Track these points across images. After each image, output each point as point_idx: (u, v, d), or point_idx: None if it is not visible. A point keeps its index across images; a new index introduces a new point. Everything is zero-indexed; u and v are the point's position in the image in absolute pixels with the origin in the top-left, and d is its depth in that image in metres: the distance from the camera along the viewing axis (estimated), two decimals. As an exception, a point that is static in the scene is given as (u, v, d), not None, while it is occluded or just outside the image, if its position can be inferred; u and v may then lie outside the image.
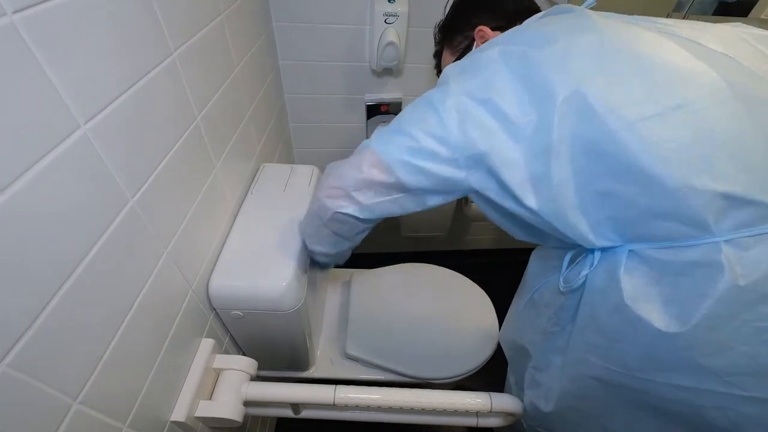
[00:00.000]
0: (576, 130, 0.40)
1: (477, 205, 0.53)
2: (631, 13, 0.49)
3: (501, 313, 1.04)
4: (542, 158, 0.42)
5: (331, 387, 0.63)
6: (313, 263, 0.77)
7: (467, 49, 0.65)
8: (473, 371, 0.93)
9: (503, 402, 0.64)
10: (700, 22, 0.49)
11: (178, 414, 0.53)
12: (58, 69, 0.31)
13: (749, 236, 0.35)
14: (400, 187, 0.48)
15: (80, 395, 0.36)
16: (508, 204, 0.46)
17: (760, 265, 0.34)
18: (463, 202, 1.33)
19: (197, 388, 0.56)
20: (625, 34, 0.43)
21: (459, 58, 0.65)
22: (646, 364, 0.42)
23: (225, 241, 0.67)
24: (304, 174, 0.84)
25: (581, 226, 0.43)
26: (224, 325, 0.68)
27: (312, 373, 0.93)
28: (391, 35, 0.93)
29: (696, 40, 0.43)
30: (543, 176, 0.42)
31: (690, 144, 0.37)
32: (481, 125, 0.44)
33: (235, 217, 0.71)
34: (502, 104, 0.43)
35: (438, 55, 0.74)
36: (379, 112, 1.16)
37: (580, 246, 0.45)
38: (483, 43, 0.59)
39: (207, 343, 0.61)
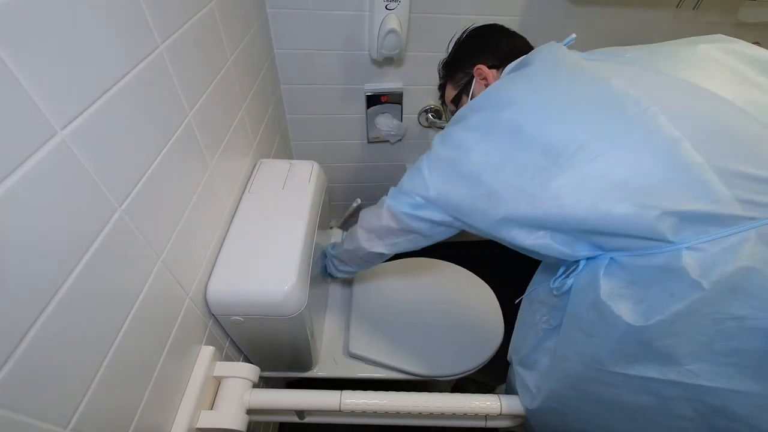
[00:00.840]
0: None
1: None
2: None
3: (504, 306, 1.03)
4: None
5: (337, 393, 0.61)
6: (327, 274, 0.93)
7: (467, 84, 0.74)
8: (478, 368, 0.92)
9: (513, 405, 0.62)
10: (678, 46, 0.55)
11: (179, 427, 0.51)
12: (28, 71, 0.28)
13: (706, 242, 0.40)
14: (411, 230, 0.64)
15: (71, 422, 0.33)
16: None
17: (716, 267, 0.39)
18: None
19: (198, 398, 0.54)
20: (567, 86, 0.51)
21: (460, 91, 0.76)
22: (616, 357, 0.46)
23: (222, 244, 0.64)
24: (304, 170, 0.81)
25: (555, 246, 0.49)
26: (224, 330, 0.66)
27: (315, 372, 0.91)
28: (393, 22, 0.88)
29: (662, 71, 0.50)
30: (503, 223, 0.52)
31: (633, 175, 0.43)
32: (452, 186, 0.55)
33: (233, 218, 0.68)
34: (466, 164, 0.54)
35: (442, 88, 0.84)
36: (379, 102, 1.12)
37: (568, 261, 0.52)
38: (481, 79, 0.71)
39: (207, 351, 0.59)
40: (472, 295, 1.06)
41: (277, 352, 0.75)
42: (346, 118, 1.16)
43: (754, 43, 1.15)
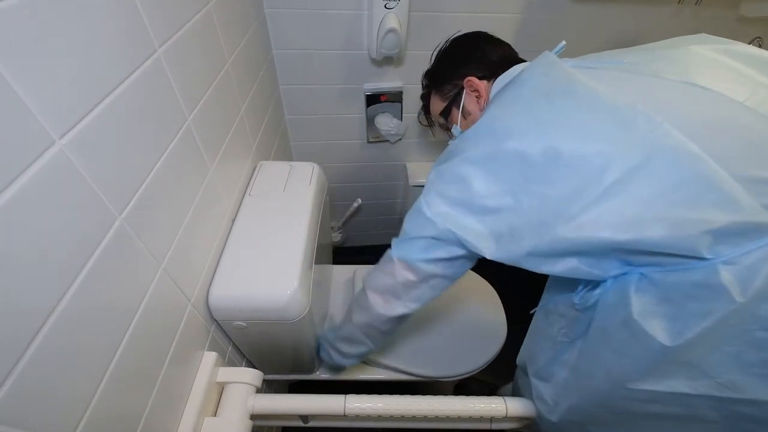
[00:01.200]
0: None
1: None
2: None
3: (507, 305, 1.03)
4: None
5: (341, 397, 0.60)
6: (332, 368, 0.87)
7: (457, 96, 0.71)
8: (481, 368, 0.92)
9: (519, 407, 0.62)
10: (670, 49, 0.52)
11: (183, 435, 0.50)
12: (24, 80, 0.27)
13: (740, 255, 0.39)
14: (429, 277, 0.58)
15: (74, 435, 0.33)
16: None
17: (752, 279, 0.38)
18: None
19: (201, 405, 0.53)
20: (572, 107, 0.47)
21: (449, 104, 0.73)
22: (647, 375, 0.45)
23: (223, 249, 0.63)
24: (304, 172, 0.80)
25: (584, 269, 0.47)
26: (226, 335, 0.66)
27: (318, 375, 0.91)
28: (392, 21, 0.87)
29: (665, 77, 0.48)
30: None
31: (659, 194, 0.41)
32: (457, 222, 0.52)
33: (233, 222, 0.68)
34: (475, 199, 0.50)
35: (425, 98, 0.80)
36: (379, 101, 1.11)
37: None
38: (472, 91, 0.68)
39: (209, 357, 0.58)
40: (474, 294, 1.06)
41: (279, 356, 0.75)
42: (346, 118, 1.15)
43: (756, 38, 1.15)
